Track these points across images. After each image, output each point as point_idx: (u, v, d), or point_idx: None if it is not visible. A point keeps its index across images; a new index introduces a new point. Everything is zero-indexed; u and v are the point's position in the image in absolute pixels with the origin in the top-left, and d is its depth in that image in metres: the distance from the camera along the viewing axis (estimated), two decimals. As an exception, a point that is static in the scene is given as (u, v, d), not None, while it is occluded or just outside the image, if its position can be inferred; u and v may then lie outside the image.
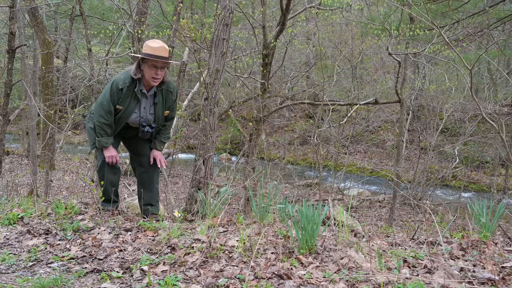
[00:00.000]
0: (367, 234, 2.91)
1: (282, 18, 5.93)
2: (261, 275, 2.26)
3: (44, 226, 3.00)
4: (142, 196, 3.60)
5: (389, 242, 2.90)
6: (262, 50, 6.08)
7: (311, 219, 2.51)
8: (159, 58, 3.28)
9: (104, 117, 3.34)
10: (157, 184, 3.71)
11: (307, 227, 2.50)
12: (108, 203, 3.56)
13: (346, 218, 3.02)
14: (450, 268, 2.20)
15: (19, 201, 3.52)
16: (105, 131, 3.38)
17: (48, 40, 11.42)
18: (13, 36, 6.74)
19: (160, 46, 3.31)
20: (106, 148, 3.43)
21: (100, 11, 18.49)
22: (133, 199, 4.65)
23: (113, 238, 2.84)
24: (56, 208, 3.29)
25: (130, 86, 3.36)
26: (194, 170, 4.70)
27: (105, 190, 3.50)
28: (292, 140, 20.38)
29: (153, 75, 3.32)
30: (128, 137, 3.69)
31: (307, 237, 2.51)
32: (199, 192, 4.26)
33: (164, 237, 2.76)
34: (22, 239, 2.85)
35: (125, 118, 3.43)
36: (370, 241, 2.78)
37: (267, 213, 3.30)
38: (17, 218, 3.14)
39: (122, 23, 6.66)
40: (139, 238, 2.81)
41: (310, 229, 2.50)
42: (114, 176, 3.53)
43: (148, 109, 3.51)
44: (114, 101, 3.34)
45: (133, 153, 3.75)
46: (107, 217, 3.35)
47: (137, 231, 2.99)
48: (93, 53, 9.30)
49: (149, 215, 3.59)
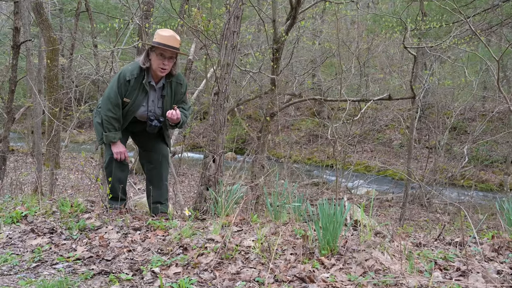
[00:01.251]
0: (389, 233, 2.73)
1: (293, 11, 5.76)
2: (281, 277, 2.10)
3: (49, 225, 2.85)
4: (151, 193, 3.44)
5: (413, 243, 2.73)
6: (273, 44, 5.92)
7: (333, 218, 2.34)
8: (167, 47, 3.12)
9: (112, 110, 3.19)
10: (166, 182, 3.55)
11: (329, 226, 2.33)
12: (116, 201, 3.41)
13: (365, 217, 2.86)
14: (488, 271, 2.02)
15: (23, 199, 3.38)
16: (113, 125, 3.22)
17: (53, 37, 11.31)
18: (17, 31, 6.62)
19: (170, 35, 3.16)
20: (114, 143, 3.27)
21: (105, 9, 18.40)
22: (141, 197, 4.50)
23: (121, 238, 2.68)
24: (62, 206, 3.14)
25: (138, 77, 3.20)
26: (203, 167, 4.54)
27: (112, 188, 3.35)
28: (299, 139, 20.21)
29: (161, 65, 3.16)
30: (136, 132, 3.53)
31: (329, 237, 2.35)
32: (209, 190, 4.11)
33: (176, 237, 2.60)
34: (26, 238, 2.70)
35: (132, 111, 3.28)
36: (395, 241, 2.61)
37: (281, 212, 3.14)
38: (21, 216, 2.99)
39: (129, 17, 6.52)
40: (148, 237, 2.65)
41: (332, 228, 2.34)
42: (122, 173, 3.37)
43: (156, 102, 3.35)
44: (121, 93, 3.18)
45: (142, 148, 3.59)
46: (115, 215, 3.20)
47: (146, 230, 2.84)
48: (98, 51, 9.19)
49: (158, 213, 3.43)
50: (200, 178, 4.54)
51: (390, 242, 2.66)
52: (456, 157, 14.22)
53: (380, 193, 13.44)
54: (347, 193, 12.98)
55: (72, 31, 11.05)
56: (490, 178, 15.86)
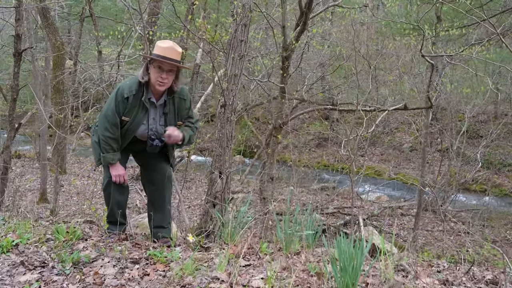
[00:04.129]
0: (413, 269, 2.47)
1: (303, 17, 5.50)
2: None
3: (40, 257, 2.63)
4: (152, 217, 3.21)
5: (440, 280, 2.46)
6: (282, 52, 5.66)
7: (352, 257, 2.09)
8: (165, 59, 2.89)
9: (110, 130, 2.96)
10: (169, 205, 3.30)
11: (348, 267, 2.08)
12: (115, 225, 3.18)
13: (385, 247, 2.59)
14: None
15: (15, 225, 3.16)
16: (111, 146, 2.99)
17: (60, 41, 11.17)
18: (19, 38, 6.43)
19: (169, 46, 2.92)
20: (112, 165, 3.05)
21: (112, 12, 18.29)
22: (144, 217, 4.27)
23: (118, 273, 2.45)
24: (56, 233, 2.92)
25: (137, 94, 2.97)
26: (209, 184, 4.31)
27: (111, 212, 3.12)
28: (307, 142, 19.94)
29: (159, 79, 2.92)
30: (137, 151, 3.30)
31: (348, 279, 2.09)
32: (215, 210, 3.87)
33: (177, 274, 2.36)
34: (15, 273, 2.48)
35: (132, 130, 3.04)
36: (420, 279, 2.35)
37: (293, 239, 2.89)
38: (11, 245, 2.78)
39: (132, 24, 6.32)
40: (147, 274, 2.42)
41: (351, 269, 2.08)
42: (121, 196, 3.15)
43: (158, 120, 3.11)
44: (119, 112, 2.95)
45: (143, 168, 3.36)
46: (113, 242, 2.97)
47: (145, 263, 2.60)
48: (104, 55, 9.01)
49: (159, 239, 3.20)
50: (206, 195, 4.31)
51: (415, 279, 2.41)
52: (470, 162, 13.85)
53: (390, 199, 13.13)
54: (357, 200, 12.68)
55: (77, 36, 10.89)
56: (503, 182, 15.45)
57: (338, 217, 9.88)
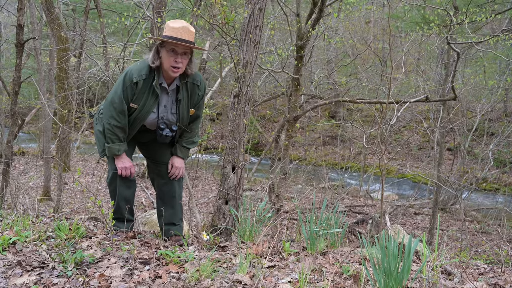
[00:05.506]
0: (460, 273, 2.19)
1: (320, 4, 5.21)
2: None
3: (40, 256, 2.37)
4: (162, 213, 2.94)
5: (490, 284, 2.18)
6: (296, 41, 5.38)
7: (398, 259, 1.81)
8: (179, 41, 2.60)
9: (116, 118, 2.68)
10: (180, 199, 3.02)
11: (393, 271, 1.79)
12: (121, 222, 2.91)
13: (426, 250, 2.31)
14: None
15: (13, 221, 2.90)
16: (116, 135, 2.72)
17: (64, 36, 10.93)
18: (21, 28, 6.19)
19: (182, 26, 2.63)
20: (118, 156, 2.77)
21: (118, 9, 18.07)
22: (152, 213, 4.00)
23: (126, 275, 2.18)
24: (58, 230, 2.66)
25: (147, 79, 2.69)
26: (221, 179, 4.04)
27: (117, 207, 2.85)
28: (314, 140, 19.69)
29: (173, 63, 2.63)
30: (144, 142, 3.02)
31: (393, 283, 1.81)
32: (229, 206, 3.61)
33: (193, 276, 2.09)
34: (11, 274, 2.21)
35: (141, 119, 2.76)
36: (467, 283, 2.07)
37: (318, 239, 2.62)
38: (8, 243, 2.51)
39: (140, 14, 6.06)
40: (159, 276, 2.15)
41: (396, 273, 1.80)
42: (128, 191, 2.87)
43: (170, 107, 2.83)
44: (127, 98, 2.68)
45: (151, 160, 3.07)
46: (120, 240, 2.71)
47: (157, 264, 2.33)
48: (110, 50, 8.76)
49: (171, 237, 2.92)
50: (218, 191, 4.03)
51: (461, 283, 2.12)
52: (482, 160, 13.52)
53: (400, 197, 12.86)
54: (368, 198, 12.39)
55: (81, 29, 10.65)
56: (514, 180, 15.15)
57: (350, 215, 9.61)
